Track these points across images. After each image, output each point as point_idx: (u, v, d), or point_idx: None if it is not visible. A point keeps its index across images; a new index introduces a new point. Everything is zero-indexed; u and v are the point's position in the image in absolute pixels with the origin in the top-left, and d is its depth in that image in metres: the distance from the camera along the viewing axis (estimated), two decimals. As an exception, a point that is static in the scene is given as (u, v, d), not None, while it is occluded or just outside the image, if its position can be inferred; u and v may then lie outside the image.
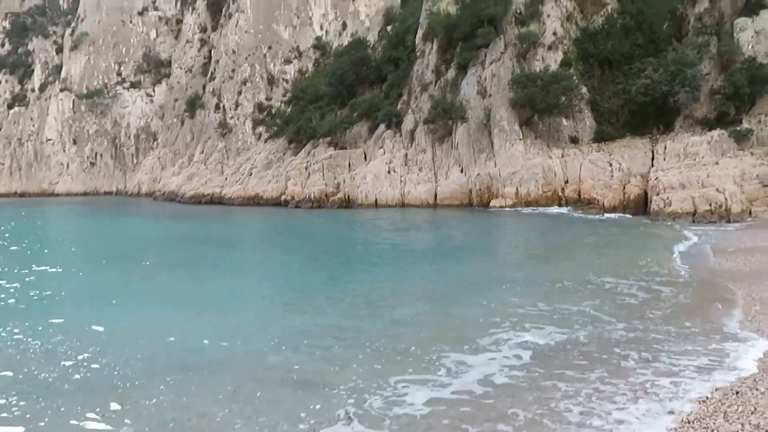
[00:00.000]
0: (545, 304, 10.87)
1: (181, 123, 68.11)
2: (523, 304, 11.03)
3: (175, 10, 77.38)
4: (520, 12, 37.68)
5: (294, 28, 66.54)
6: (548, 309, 10.55)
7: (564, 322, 9.67)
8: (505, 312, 10.47)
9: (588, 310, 10.33)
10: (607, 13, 37.94)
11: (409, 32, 48.71)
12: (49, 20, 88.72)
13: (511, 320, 9.80)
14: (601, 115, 35.45)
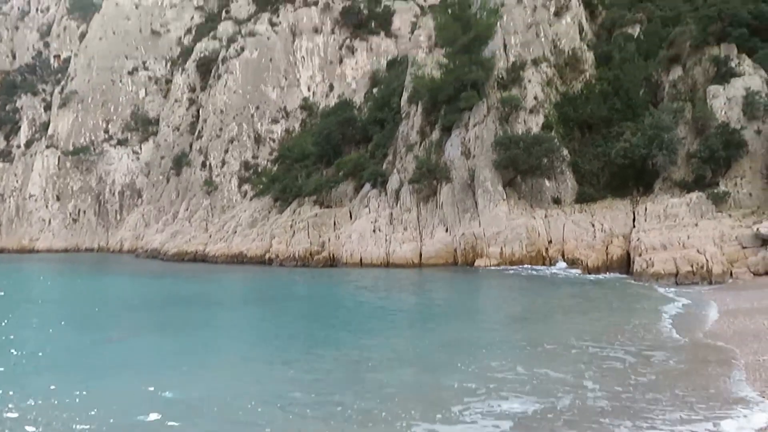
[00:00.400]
0: (524, 368, 10.69)
1: (166, 180, 68.20)
2: (501, 368, 10.84)
3: (165, 71, 78.78)
4: (502, 77, 38.90)
5: (282, 89, 67.92)
6: (527, 374, 10.37)
7: (544, 388, 9.49)
8: (483, 377, 10.27)
9: (568, 377, 10.14)
10: (586, 79, 39.32)
11: (394, 95, 49.92)
12: (39, 78, 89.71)
13: (488, 386, 9.60)
14: (583, 177, 36.14)
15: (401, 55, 63.39)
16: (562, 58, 39.83)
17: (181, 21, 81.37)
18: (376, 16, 70.84)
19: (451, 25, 38.84)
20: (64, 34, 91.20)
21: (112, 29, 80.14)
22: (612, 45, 40.00)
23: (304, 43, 70.41)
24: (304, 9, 71.55)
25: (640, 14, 40.97)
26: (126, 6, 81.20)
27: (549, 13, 40.63)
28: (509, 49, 40.09)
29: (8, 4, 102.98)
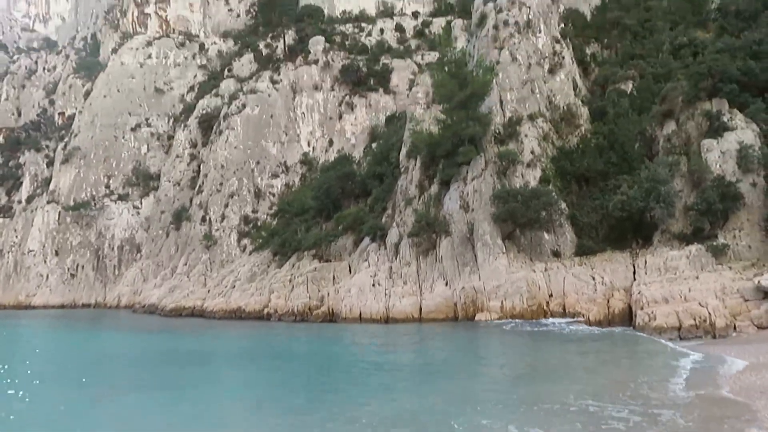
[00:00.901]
0: (516, 429, 10.38)
1: (166, 235, 68.25)
2: (492, 427, 10.54)
3: (168, 127, 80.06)
4: (498, 132, 39.50)
5: (282, 144, 68.90)
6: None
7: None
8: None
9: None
10: (581, 134, 39.93)
11: (393, 149, 50.60)
12: (43, 135, 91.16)
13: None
14: (581, 230, 36.18)
15: (399, 111, 64.67)
16: (557, 113, 40.56)
17: (184, 79, 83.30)
18: (375, 74, 72.64)
19: (448, 83, 39.71)
20: (69, 92, 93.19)
21: (116, 87, 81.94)
22: (606, 100, 40.81)
23: (305, 100, 71.92)
24: (304, 67, 73.44)
25: (631, 71, 41.98)
26: (131, 65, 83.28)
27: (543, 71, 41.65)
28: (505, 105, 40.88)
29: (16, 63, 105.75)
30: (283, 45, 78.11)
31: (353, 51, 75.90)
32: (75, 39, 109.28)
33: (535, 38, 42.66)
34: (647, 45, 44.46)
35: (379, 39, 78.43)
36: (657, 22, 46.04)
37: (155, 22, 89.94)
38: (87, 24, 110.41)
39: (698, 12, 47.64)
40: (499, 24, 43.06)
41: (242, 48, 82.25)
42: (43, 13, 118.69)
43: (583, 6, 49.04)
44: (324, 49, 74.88)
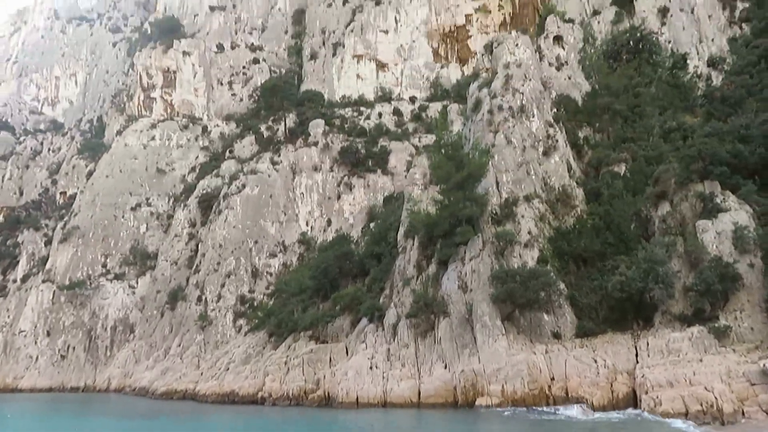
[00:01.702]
0: None
1: (160, 315, 67.33)
2: None
3: (168, 207, 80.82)
4: (495, 213, 39.88)
5: (281, 224, 69.38)
6: None
7: None
8: None
9: None
10: (577, 214, 40.31)
11: (390, 229, 50.91)
12: (43, 214, 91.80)
13: None
14: (581, 310, 35.77)
15: (397, 191, 65.65)
16: (553, 194, 41.12)
17: (186, 160, 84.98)
18: (373, 155, 74.29)
19: (445, 164, 40.54)
20: (72, 172, 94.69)
21: (119, 168, 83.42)
22: (600, 182, 41.50)
23: (304, 180, 73.16)
24: (304, 149, 75.21)
25: (624, 154, 42.97)
26: (135, 146, 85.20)
27: (538, 153, 42.60)
28: (501, 186, 41.50)
29: (22, 144, 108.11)
30: (284, 128, 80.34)
31: (352, 133, 77.97)
32: (81, 121, 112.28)
33: (529, 122, 43.92)
34: (638, 129, 45.73)
35: (378, 122, 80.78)
36: (646, 107, 47.58)
37: (160, 106, 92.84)
38: (94, 107, 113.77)
39: (685, 98, 49.43)
40: (493, 109, 44.46)
41: (244, 130, 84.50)
42: (51, 96, 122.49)
43: (574, 92, 50.78)
44: (324, 132, 76.94)
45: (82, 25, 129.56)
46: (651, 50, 55.60)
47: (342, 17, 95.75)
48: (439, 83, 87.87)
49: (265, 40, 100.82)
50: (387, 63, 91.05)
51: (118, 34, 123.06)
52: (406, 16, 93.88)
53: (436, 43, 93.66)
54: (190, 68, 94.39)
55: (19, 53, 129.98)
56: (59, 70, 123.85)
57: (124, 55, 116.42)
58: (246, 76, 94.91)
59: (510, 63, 46.46)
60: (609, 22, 66.12)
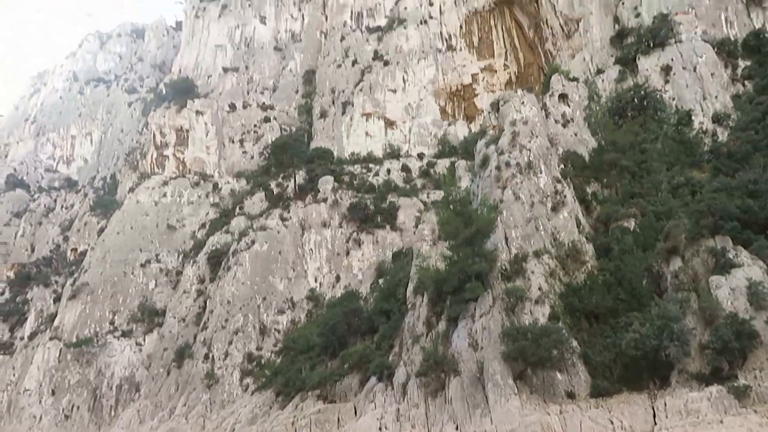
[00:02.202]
0: None
1: (167, 373, 66.41)
2: None
3: (177, 263, 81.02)
4: (505, 268, 39.61)
5: (289, 280, 69.23)
6: None
7: None
8: None
9: None
10: (588, 270, 39.93)
11: (400, 285, 50.59)
12: (54, 271, 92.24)
13: None
14: (595, 369, 34.90)
15: (406, 247, 65.63)
16: (562, 250, 40.89)
17: (196, 217, 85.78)
18: (382, 211, 74.73)
19: (454, 220, 40.64)
20: (84, 229, 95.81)
21: (130, 224, 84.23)
22: (610, 237, 41.30)
23: (313, 236, 73.42)
24: (313, 205, 75.85)
25: (633, 209, 42.92)
26: (146, 203, 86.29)
27: (546, 209, 42.67)
28: (510, 241, 41.38)
29: (36, 201, 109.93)
30: (293, 184, 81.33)
31: (361, 190, 78.74)
32: (95, 179, 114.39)
33: (537, 178, 44.21)
34: (646, 184, 45.87)
35: (386, 178, 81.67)
36: (653, 163, 47.86)
37: (173, 163, 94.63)
38: (108, 165, 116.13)
39: (692, 154, 49.73)
40: (501, 165, 44.88)
41: (254, 187, 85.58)
42: (67, 155, 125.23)
43: (581, 148, 51.24)
44: (333, 188, 77.76)
45: (99, 86, 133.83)
46: (655, 107, 56.39)
47: (351, 77, 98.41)
48: (447, 140, 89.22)
49: (276, 99, 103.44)
50: (395, 121, 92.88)
51: (134, 95, 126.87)
52: (413, 76, 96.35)
53: (443, 102, 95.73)
54: (203, 127, 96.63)
55: (37, 113, 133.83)
56: (75, 129, 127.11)
57: (139, 115, 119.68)
58: (257, 134, 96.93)
59: (516, 120, 47.21)
60: (613, 80, 67.40)
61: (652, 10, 72.71)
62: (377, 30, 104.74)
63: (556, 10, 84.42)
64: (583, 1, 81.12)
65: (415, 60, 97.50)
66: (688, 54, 64.62)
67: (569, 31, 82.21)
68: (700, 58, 63.51)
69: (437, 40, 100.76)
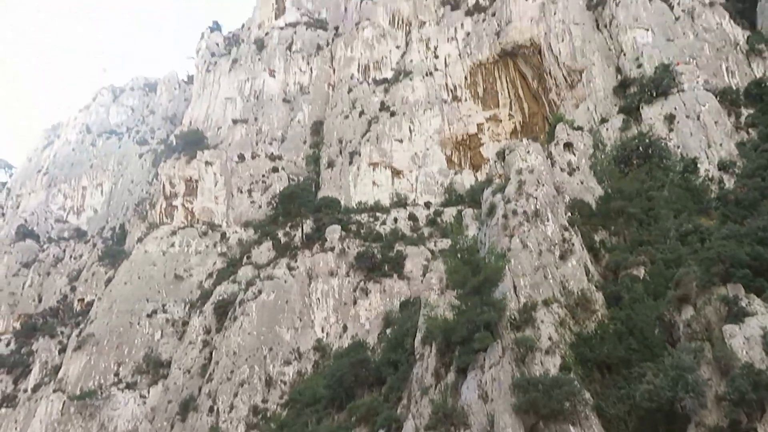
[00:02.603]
0: None
1: (171, 426, 65.19)
2: None
3: (183, 313, 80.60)
4: (514, 318, 39.09)
5: (296, 330, 68.59)
6: None
7: None
8: None
9: None
10: (598, 319, 39.35)
11: (407, 335, 49.95)
12: (60, 322, 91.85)
13: None
14: (609, 422, 33.92)
15: (414, 296, 65.12)
16: (572, 298, 40.43)
17: (204, 266, 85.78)
18: (389, 260, 74.52)
19: (461, 269, 40.38)
20: (91, 279, 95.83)
21: (137, 274, 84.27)
22: (620, 286, 40.90)
23: (320, 286, 73.08)
24: (321, 254, 75.82)
25: (642, 257, 42.64)
26: (154, 253, 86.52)
27: (554, 257, 42.43)
28: (519, 290, 40.99)
29: (45, 252, 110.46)
30: (301, 233, 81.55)
31: (368, 239, 78.79)
32: (104, 229, 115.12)
33: (544, 226, 44.16)
34: (654, 232, 45.72)
35: (393, 227, 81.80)
36: (660, 210, 47.84)
37: (181, 213, 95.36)
38: (117, 215, 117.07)
39: (699, 201, 49.74)
40: (508, 213, 44.93)
41: (262, 236, 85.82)
42: (77, 205, 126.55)
43: (587, 196, 51.36)
44: (340, 237, 77.86)
45: (111, 138, 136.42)
46: (661, 155, 56.83)
47: (358, 128, 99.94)
48: (454, 189, 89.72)
49: (284, 149, 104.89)
50: (402, 170, 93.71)
51: (144, 146, 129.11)
52: (419, 126, 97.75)
53: (450, 151, 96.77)
54: (212, 177, 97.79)
55: (50, 165, 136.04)
56: (87, 180, 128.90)
57: (149, 166, 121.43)
58: (265, 184, 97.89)
59: (522, 169, 47.53)
60: (617, 129, 68.18)
61: (653, 61, 74.21)
62: (384, 82, 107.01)
63: (559, 62, 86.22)
64: (585, 53, 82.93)
65: (421, 110, 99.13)
66: (691, 103, 65.54)
67: (572, 82, 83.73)
68: (703, 107, 64.37)
69: (443, 91, 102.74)
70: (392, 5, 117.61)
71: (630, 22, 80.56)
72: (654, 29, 78.39)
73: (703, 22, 78.00)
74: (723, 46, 75.14)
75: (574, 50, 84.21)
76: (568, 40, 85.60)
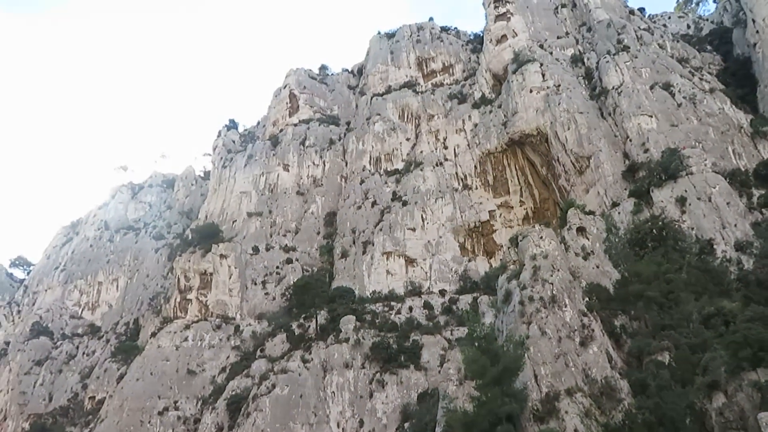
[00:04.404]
0: None
1: None
2: None
3: (195, 410, 78.39)
4: (537, 409, 37.70)
5: (311, 426, 66.17)
6: None
7: None
8: None
9: None
10: (625, 408, 37.72)
11: (426, 429, 48.12)
12: (70, 421, 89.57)
13: None
14: None
15: (431, 387, 63.17)
16: (596, 387, 39.00)
17: (217, 360, 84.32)
18: (405, 350, 72.90)
19: (479, 358, 39.41)
20: (103, 376, 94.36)
21: (150, 370, 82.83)
22: (645, 373, 39.52)
23: (335, 378, 71.18)
24: (335, 345, 74.43)
25: (665, 341, 41.48)
26: (167, 348, 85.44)
27: (575, 344, 41.41)
28: (540, 379, 39.76)
29: (58, 349, 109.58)
30: (315, 324, 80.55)
31: (383, 328, 77.53)
32: (118, 324, 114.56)
33: (562, 312, 43.43)
34: (675, 315, 44.74)
35: (408, 316, 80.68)
36: (680, 293, 47.04)
37: (195, 307, 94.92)
38: (131, 310, 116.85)
39: (719, 282, 48.97)
40: (524, 300, 44.40)
41: (276, 328, 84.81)
42: (93, 301, 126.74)
43: (604, 280, 50.76)
44: (354, 328, 76.72)
45: (128, 234, 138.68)
46: (675, 237, 56.64)
47: (371, 218, 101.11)
48: (468, 276, 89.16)
49: (298, 241, 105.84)
50: (415, 258, 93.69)
51: (161, 241, 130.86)
52: (431, 215, 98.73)
53: (462, 238, 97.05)
54: (226, 270, 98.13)
55: (67, 262, 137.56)
56: (103, 275, 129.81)
57: (165, 260, 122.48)
58: (279, 275, 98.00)
59: (537, 255, 47.44)
60: (629, 212, 68.44)
61: (659, 146, 75.62)
62: (395, 173, 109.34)
63: (566, 149, 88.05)
64: (592, 139, 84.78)
65: (433, 199, 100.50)
66: (701, 185, 66.04)
67: (581, 168, 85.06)
68: (713, 189, 64.76)
69: (453, 180, 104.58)
70: (401, 101, 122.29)
71: (633, 109, 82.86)
72: (658, 115, 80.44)
73: (705, 107, 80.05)
74: (727, 129, 76.64)
75: (581, 137, 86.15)
76: (573, 128, 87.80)
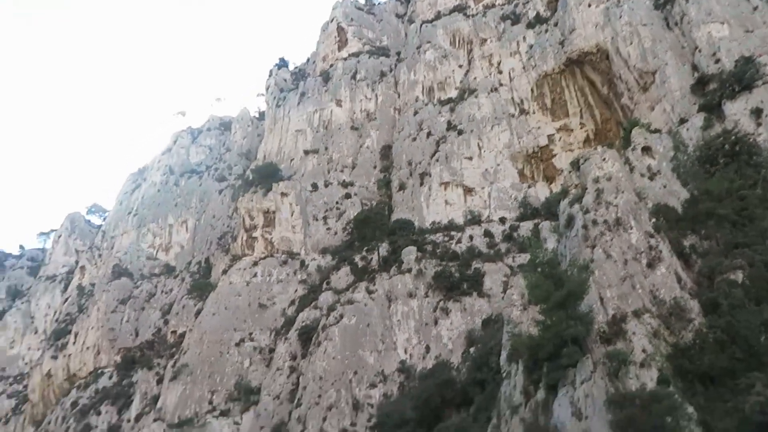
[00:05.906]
0: None
1: (264, 453, 66.77)
2: None
3: (269, 341, 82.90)
4: (603, 331, 37.75)
5: (379, 353, 68.88)
6: None
7: None
8: None
9: None
10: (695, 328, 37.33)
11: (492, 354, 49.18)
12: (156, 353, 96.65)
13: None
14: (717, 437, 32.03)
15: (495, 313, 64.15)
16: (664, 308, 38.59)
17: (286, 294, 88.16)
18: (467, 278, 73.85)
19: (543, 283, 39.45)
20: (182, 312, 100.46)
21: (224, 305, 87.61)
22: (716, 292, 38.68)
23: (400, 308, 73.27)
24: (398, 276, 76.15)
25: (739, 260, 40.20)
26: (238, 284, 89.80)
27: (642, 266, 40.78)
28: (606, 302, 39.61)
29: (138, 288, 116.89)
30: (377, 257, 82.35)
31: (444, 258, 78.50)
32: (190, 264, 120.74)
33: (628, 234, 42.58)
34: (750, 233, 43.07)
35: (469, 245, 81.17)
36: (755, 210, 45.08)
37: (261, 244, 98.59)
38: (202, 249, 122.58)
39: (797, 197, 46.57)
40: (588, 224, 43.73)
41: (339, 262, 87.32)
42: (165, 243, 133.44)
43: (672, 200, 49.12)
44: (416, 258, 78.02)
45: (192, 177, 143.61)
46: (749, 152, 53.76)
47: (427, 149, 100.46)
48: (528, 202, 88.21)
49: (355, 176, 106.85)
50: (474, 187, 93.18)
51: (223, 183, 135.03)
52: (488, 142, 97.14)
53: (521, 165, 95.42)
54: (288, 207, 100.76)
55: (139, 206, 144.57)
56: (172, 218, 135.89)
57: (229, 201, 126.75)
58: (339, 211, 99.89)
59: (599, 177, 46.25)
60: (698, 128, 65.16)
61: (732, 54, 70.71)
62: (449, 102, 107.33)
63: (629, 65, 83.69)
64: (657, 53, 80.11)
65: (489, 126, 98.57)
66: (779, 94, 61.89)
67: (645, 84, 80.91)
68: (792, 98, 60.63)
69: (509, 105, 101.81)
70: (452, 26, 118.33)
71: (703, 17, 77.23)
72: (730, 22, 74.76)
73: (784, 9, 73.80)
74: (809, 32, 70.71)
75: (645, 52, 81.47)
76: (636, 42, 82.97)
